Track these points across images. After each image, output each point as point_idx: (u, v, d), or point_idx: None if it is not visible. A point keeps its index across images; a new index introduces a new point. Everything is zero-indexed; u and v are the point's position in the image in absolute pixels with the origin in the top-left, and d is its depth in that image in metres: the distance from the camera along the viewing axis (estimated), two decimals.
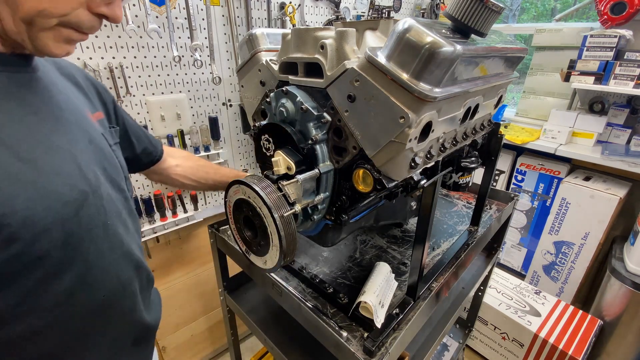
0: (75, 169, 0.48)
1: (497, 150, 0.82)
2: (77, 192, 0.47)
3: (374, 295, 0.66)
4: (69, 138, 0.49)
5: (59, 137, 0.47)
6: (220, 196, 1.63)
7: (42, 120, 0.46)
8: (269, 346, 0.87)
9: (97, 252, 0.51)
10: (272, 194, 0.54)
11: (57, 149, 0.46)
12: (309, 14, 1.61)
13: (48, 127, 0.46)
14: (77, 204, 0.47)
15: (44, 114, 0.47)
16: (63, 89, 0.54)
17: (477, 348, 1.76)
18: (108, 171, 0.56)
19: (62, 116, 0.50)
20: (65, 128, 0.49)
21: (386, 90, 0.46)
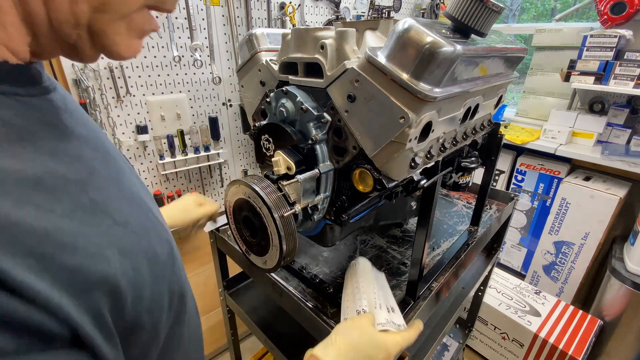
0: (150, 213, 0.38)
1: (497, 150, 0.82)
2: (166, 245, 0.38)
3: (383, 311, 0.56)
4: (121, 171, 0.38)
5: (122, 177, 0.38)
6: (221, 196, 1.63)
7: (104, 159, 0.36)
8: (269, 346, 0.87)
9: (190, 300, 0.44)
10: (272, 194, 0.54)
11: (129, 194, 0.36)
12: (309, 14, 1.61)
13: (111, 167, 0.37)
14: (170, 257, 0.38)
15: (99, 148, 0.36)
16: (75, 101, 0.42)
17: (477, 348, 1.76)
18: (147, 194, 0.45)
19: (104, 144, 0.39)
20: (113, 159, 0.38)
21: (386, 90, 0.46)
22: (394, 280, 0.77)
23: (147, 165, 1.35)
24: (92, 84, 1.13)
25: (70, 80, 1.10)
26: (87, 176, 0.31)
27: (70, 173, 0.29)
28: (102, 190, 0.32)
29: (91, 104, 1.14)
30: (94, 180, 0.31)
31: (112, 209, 0.31)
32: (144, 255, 0.33)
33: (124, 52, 0.33)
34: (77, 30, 0.29)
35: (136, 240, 0.33)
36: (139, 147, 1.30)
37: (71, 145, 0.32)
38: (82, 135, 0.34)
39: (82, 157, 0.32)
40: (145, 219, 0.36)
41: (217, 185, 1.59)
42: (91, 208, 0.29)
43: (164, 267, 0.36)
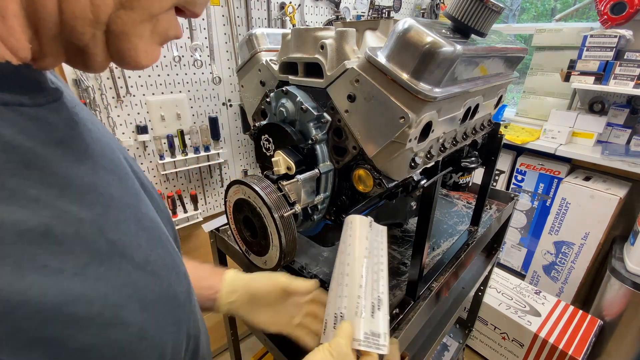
0: (168, 243, 0.33)
1: (497, 150, 0.82)
2: (185, 281, 0.33)
3: (364, 318, 0.45)
4: (137, 192, 0.33)
5: (139, 200, 0.32)
6: (220, 196, 1.63)
7: (121, 180, 0.30)
8: (269, 346, 0.87)
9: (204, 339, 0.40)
10: (272, 194, 0.54)
11: (148, 222, 0.31)
12: (309, 14, 1.61)
13: (129, 189, 0.31)
14: (189, 296, 0.33)
15: (115, 165, 0.31)
16: (89, 111, 0.35)
17: (477, 348, 1.76)
18: (164, 222, 0.38)
19: (118, 157, 0.33)
20: (128, 176, 0.33)
21: (386, 90, 0.46)
22: (394, 281, 0.77)
23: (147, 165, 1.35)
24: (92, 84, 1.13)
25: (70, 80, 1.10)
26: (103, 210, 0.25)
27: (84, 211, 0.24)
28: (120, 225, 0.26)
29: (91, 104, 1.14)
30: (111, 215, 0.26)
31: (131, 248, 0.26)
32: (166, 301, 0.28)
33: (142, 60, 0.27)
34: (93, 29, 0.23)
35: (157, 284, 0.27)
36: (139, 147, 1.30)
37: (85, 169, 0.26)
38: (97, 151, 0.28)
39: (98, 184, 0.26)
40: (165, 252, 0.31)
41: (217, 185, 1.59)
42: (108, 254, 0.24)
43: (183, 309, 0.31)
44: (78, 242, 0.22)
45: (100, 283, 0.23)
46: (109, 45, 0.25)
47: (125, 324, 0.23)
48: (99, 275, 0.23)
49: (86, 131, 0.29)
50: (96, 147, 0.29)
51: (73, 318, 0.20)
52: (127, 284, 0.25)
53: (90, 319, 0.21)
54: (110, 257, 0.24)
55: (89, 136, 0.29)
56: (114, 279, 0.24)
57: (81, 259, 0.22)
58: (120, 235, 0.26)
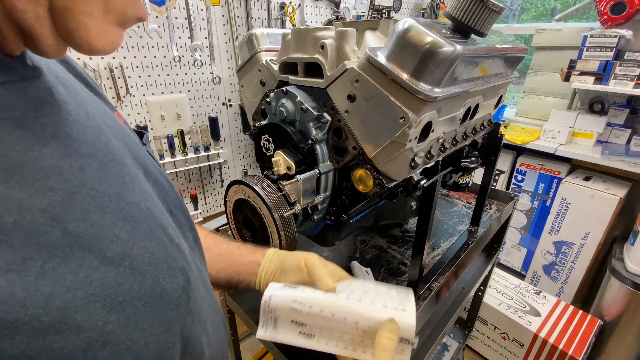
0: (164, 234, 0.30)
1: (497, 150, 0.82)
2: (181, 276, 0.30)
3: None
4: (127, 181, 0.29)
5: (128, 189, 0.29)
6: (220, 196, 1.63)
7: (103, 167, 0.27)
8: (268, 346, 0.87)
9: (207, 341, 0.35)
10: (272, 194, 0.54)
11: (135, 212, 0.28)
12: (309, 14, 1.61)
13: (112, 177, 0.28)
14: (185, 293, 0.30)
15: (96, 151, 0.28)
16: (83, 95, 0.32)
17: (477, 348, 1.76)
18: (174, 212, 0.35)
19: (108, 143, 0.30)
20: (118, 163, 0.29)
21: (386, 90, 0.46)
22: (394, 281, 0.77)
23: None
24: None
25: None
26: (65, 198, 0.23)
27: (34, 198, 0.21)
28: (90, 215, 0.24)
29: None
30: (76, 203, 0.23)
31: (101, 240, 0.23)
32: (147, 301, 0.25)
33: (96, 42, 0.24)
34: (34, 7, 0.21)
35: (136, 282, 0.25)
36: None
37: (49, 152, 0.23)
38: (71, 135, 0.26)
39: (64, 169, 0.24)
40: (155, 245, 0.28)
41: (217, 185, 1.59)
42: (65, 247, 0.21)
43: (176, 308, 0.28)
44: (19, 233, 0.19)
45: (44, 281, 0.20)
46: (56, 26, 0.23)
47: (77, 329, 0.20)
48: (44, 271, 0.20)
49: (61, 112, 0.26)
50: (72, 129, 0.26)
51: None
52: (90, 281, 0.22)
53: (20, 325, 0.18)
54: (68, 250, 0.21)
55: (65, 117, 0.26)
56: (69, 276, 0.21)
57: (20, 252, 0.19)
58: (87, 226, 0.23)
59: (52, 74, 0.28)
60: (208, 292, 0.37)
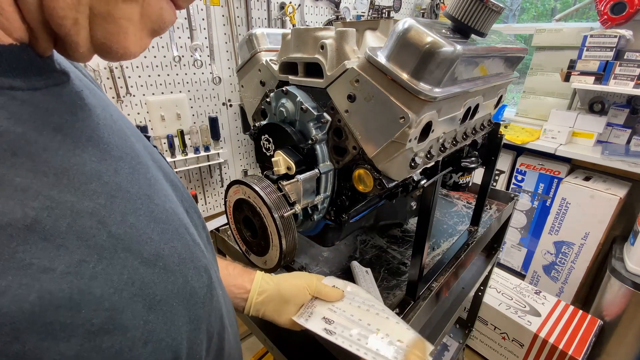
0: (187, 234, 0.30)
1: (497, 150, 0.82)
2: (205, 274, 0.30)
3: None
4: (153, 182, 0.30)
5: (155, 191, 0.29)
6: (220, 196, 1.63)
7: (133, 169, 0.28)
8: (268, 346, 0.87)
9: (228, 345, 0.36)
10: (272, 194, 0.54)
11: (163, 213, 0.28)
12: (309, 14, 1.61)
13: (141, 179, 0.28)
14: (209, 290, 0.30)
15: (126, 154, 0.28)
16: (104, 98, 0.33)
17: (477, 348, 1.76)
18: (190, 212, 0.36)
19: (133, 145, 0.31)
20: (144, 165, 0.30)
21: (386, 90, 0.46)
22: (394, 280, 0.77)
23: None
24: None
25: None
26: (107, 202, 0.23)
27: (82, 202, 0.22)
28: (127, 217, 0.24)
29: None
30: (116, 205, 0.24)
31: (139, 241, 0.24)
32: (180, 300, 0.26)
33: (132, 46, 0.24)
34: (74, 13, 0.21)
35: (170, 281, 0.25)
36: None
37: (88, 157, 0.24)
38: (104, 138, 0.26)
39: (102, 173, 0.24)
40: (183, 246, 0.28)
41: (217, 185, 1.59)
42: (111, 249, 0.22)
43: (202, 306, 0.28)
44: (73, 236, 0.20)
45: (97, 283, 0.20)
46: (94, 33, 0.23)
47: (123, 329, 0.21)
48: (96, 273, 0.20)
49: (92, 117, 0.27)
50: (104, 133, 0.27)
51: (52, 328, 0.17)
52: (132, 281, 0.22)
53: (75, 327, 0.18)
54: (113, 252, 0.22)
55: (96, 122, 0.27)
56: (116, 277, 0.21)
57: (75, 255, 0.20)
58: (127, 228, 0.24)
59: (77, 78, 0.29)
60: (223, 289, 0.38)
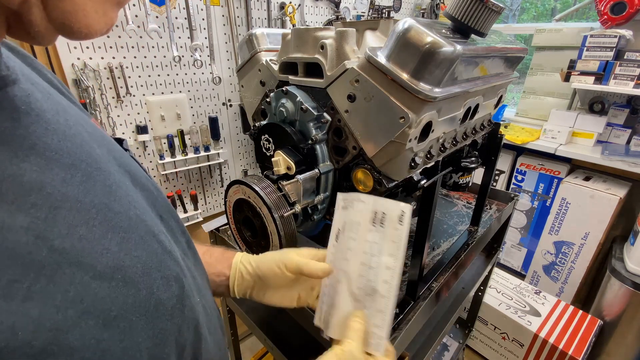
0: (155, 242, 0.29)
1: (497, 150, 0.82)
2: (175, 284, 0.28)
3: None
4: (114, 190, 0.27)
5: (115, 198, 0.27)
6: (220, 196, 1.63)
7: (87, 177, 0.26)
8: (269, 346, 0.87)
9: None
10: (272, 194, 0.54)
11: (125, 222, 0.26)
12: (309, 14, 1.61)
13: (97, 187, 0.26)
14: (180, 300, 0.29)
15: (79, 162, 0.26)
16: (60, 102, 0.30)
17: (477, 348, 1.76)
18: (165, 218, 0.34)
19: (91, 152, 0.28)
20: (104, 172, 0.28)
21: (386, 90, 0.46)
22: None
23: (147, 165, 1.35)
24: (92, 84, 1.13)
25: (70, 80, 1.10)
26: (48, 214, 0.21)
27: (15, 217, 0.20)
28: (76, 229, 0.22)
29: (91, 104, 1.14)
30: (60, 218, 0.22)
31: (91, 254, 0.22)
32: (142, 313, 0.24)
33: (94, 23, 0.22)
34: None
35: (130, 294, 0.23)
36: (139, 147, 1.30)
37: (29, 166, 0.22)
38: (53, 145, 0.24)
39: (45, 183, 0.22)
40: (148, 254, 0.27)
41: (217, 185, 1.59)
42: (51, 265, 0.20)
43: (170, 318, 0.27)
44: (1, 256, 0.18)
45: (32, 303, 0.18)
46: (50, 12, 0.21)
47: (70, 350, 0.19)
48: (31, 293, 0.19)
49: (39, 122, 0.24)
50: (52, 139, 0.25)
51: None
52: (81, 298, 0.20)
53: (11, 352, 0.17)
54: (56, 268, 0.20)
55: (43, 127, 0.25)
56: (59, 295, 0.20)
57: (4, 276, 0.18)
58: (74, 241, 0.22)
59: (28, 81, 0.26)
60: (203, 297, 0.36)
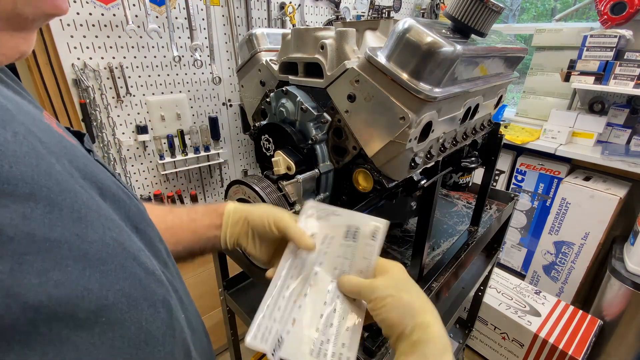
0: (137, 268, 0.25)
1: (497, 150, 0.82)
2: (163, 309, 0.26)
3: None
4: (90, 215, 0.23)
5: (87, 224, 0.23)
6: (220, 196, 1.63)
7: (51, 206, 0.21)
8: None
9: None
10: (272, 194, 0.54)
11: (103, 255, 0.22)
12: (309, 14, 1.61)
13: (66, 216, 0.22)
14: (170, 326, 0.27)
15: (38, 189, 0.21)
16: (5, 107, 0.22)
17: (477, 348, 1.76)
18: (140, 228, 0.30)
19: (52, 173, 0.23)
20: (73, 196, 0.23)
21: (386, 90, 0.46)
22: None
23: (147, 165, 1.35)
24: (92, 84, 1.13)
25: (70, 80, 1.10)
26: (14, 265, 0.17)
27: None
28: (50, 274, 0.18)
29: (91, 104, 1.14)
30: (28, 267, 0.18)
31: (69, 302, 0.19)
32: (133, 352, 0.22)
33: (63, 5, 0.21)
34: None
35: (117, 337, 0.21)
36: (139, 147, 1.30)
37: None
38: (2, 176, 0.18)
39: (3, 226, 0.17)
40: (130, 283, 0.23)
41: (217, 185, 1.59)
42: (24, 326, 0.17)
43: (162, 348, 0.25)
44: None
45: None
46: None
47: None
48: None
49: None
50: (2, 167, 0.19)
51: None
52: (63, 359, 0.18)
53: None
54: (31, 329, 0.17)
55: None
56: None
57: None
58: (51, 289, 0.18)
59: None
60: (186, 310, 0.33)
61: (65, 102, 1.11)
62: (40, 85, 1.05)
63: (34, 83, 1.06)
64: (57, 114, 1.11)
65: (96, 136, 1.20)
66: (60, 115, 1.12)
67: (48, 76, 1.06)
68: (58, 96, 1.10)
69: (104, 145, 1.21)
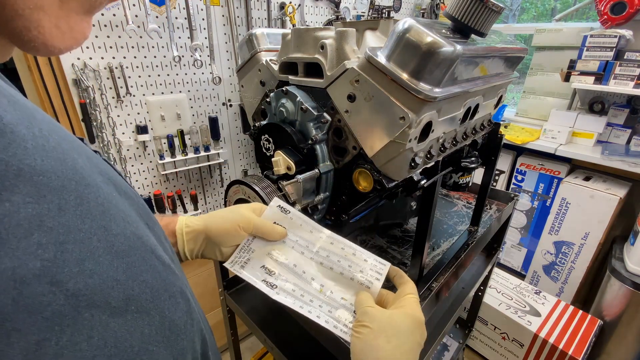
0: (155, 261, 0.25)
1: (497, 150, 0.82)
2: (182, 299, 0.27)
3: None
4: (112, 209, 0.23)
5: (111, 217, 0.23)
6: (220, 196, 1.64)
7: (80, 198, 0.22)
8: (269, 346, 0.87)
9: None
10: (272, 194, 0.54)
11: (126, 248, 0.23)
12: (309, 14, 1.61)
13: (93, 208, 0.23)
14: (189, 315, 0.27)
15: (69, 182, 0.22)
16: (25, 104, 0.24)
17: (477, 348, 1.76)
18: (150, 225, 0.29)
19: (77, 167, 0.24)
20: (96, 190, 0.24)
21: (386, 90, 0.46)
22: None
23: (147, 165, 1.35)
24: (92, 84, 1.13)
25: (70, 80, 1.10)
26: (56, 253, 0.18)
27: (24, 263, 0.17)
28: (85, 264, 0.19)
29: (91, 104, 1.14)
30: (68, 255, 0.19)
31: (103, 290, 0.20)
32: (160, 340, 0.23)
33: (55, 41, 0.20)
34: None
35: (145, 325, 0.22)
36: (139, 147, 1.30)
37: (19, 200, 0.18)
38: (38, 169, 0.19)
39: (43, 215, 0.18)
40: (152, 275, 0.24)
41: (217, 185, 1.59)
42: (71, 312, 0.18)
43: (185, 336, 0.26)
44: (22, 314, 0.16)
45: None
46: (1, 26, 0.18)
47: None
48: (60, 349, 0.17)
49: (17, 141, 0.19)
50: (36, 160, 0.20)
51: None
52: (104, 342, 0.19)
53: None
54: (76, 315, 0.18)
55: (23, 147, 0.20)
56: (85, 345, 0.18)
57: (32, 336, 0.16)
58: (87, 279, 0.19)
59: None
60: (192, 295, 0.34)
61: (65, 102, 1.11)
62: (40, 85, 1.05)
63: (33, 83, 1.06)
64: (57, 114, 1.11)
65: (96, 136, 1.20)
66: (60, 115, 1.12)
67: (48, 76, 1.06)
68: (58, 96, 1.10)
69: (104, 145, 1.21)
